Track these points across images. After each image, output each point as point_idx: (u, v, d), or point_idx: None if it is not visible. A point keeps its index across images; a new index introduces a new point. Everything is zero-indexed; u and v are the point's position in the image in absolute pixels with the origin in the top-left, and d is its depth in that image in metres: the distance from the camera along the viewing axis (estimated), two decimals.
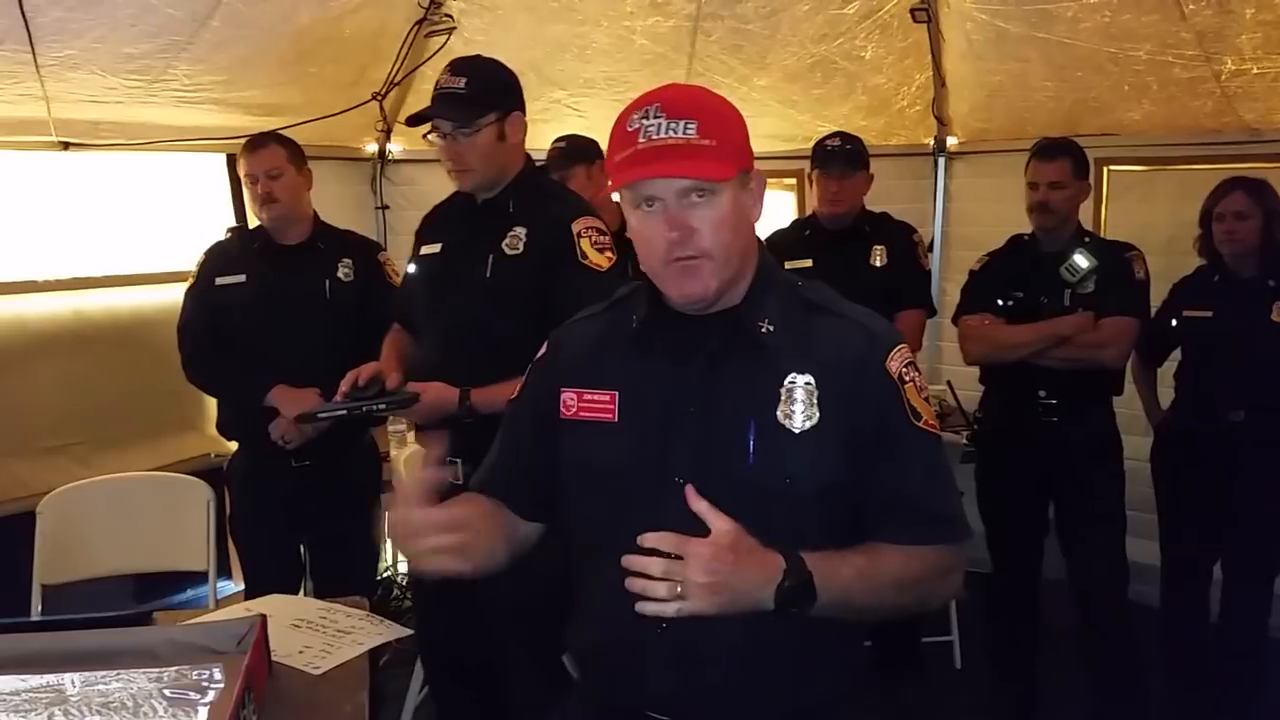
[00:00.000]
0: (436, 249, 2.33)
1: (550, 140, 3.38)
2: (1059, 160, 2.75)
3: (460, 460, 2.21)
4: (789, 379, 1.28)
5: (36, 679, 1.38)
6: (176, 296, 2.82)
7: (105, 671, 1.40)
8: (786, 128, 4.05)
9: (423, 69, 3.73)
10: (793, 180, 4.28)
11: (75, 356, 3.20)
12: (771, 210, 1.37)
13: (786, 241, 3.15)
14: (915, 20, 3.58)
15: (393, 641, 1.88)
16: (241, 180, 2.78)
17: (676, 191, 1.25)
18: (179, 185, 3.54)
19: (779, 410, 1.27)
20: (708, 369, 1.31)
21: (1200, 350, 2.91)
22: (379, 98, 3.71)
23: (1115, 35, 3.20)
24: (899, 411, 1.29)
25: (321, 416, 2.18)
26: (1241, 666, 2.86)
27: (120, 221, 3.36)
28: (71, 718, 1.30)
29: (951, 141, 4.24)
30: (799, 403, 1.27)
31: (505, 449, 1.51)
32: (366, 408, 2.13)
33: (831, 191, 3.08)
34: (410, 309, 2.40)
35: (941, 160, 4.29)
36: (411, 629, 1.92)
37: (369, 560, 3.12)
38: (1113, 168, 3.81)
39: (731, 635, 1.23)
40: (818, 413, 1.27)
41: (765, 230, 1.48)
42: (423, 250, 2.37)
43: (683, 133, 1.23)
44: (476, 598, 2.12)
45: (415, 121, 2.25)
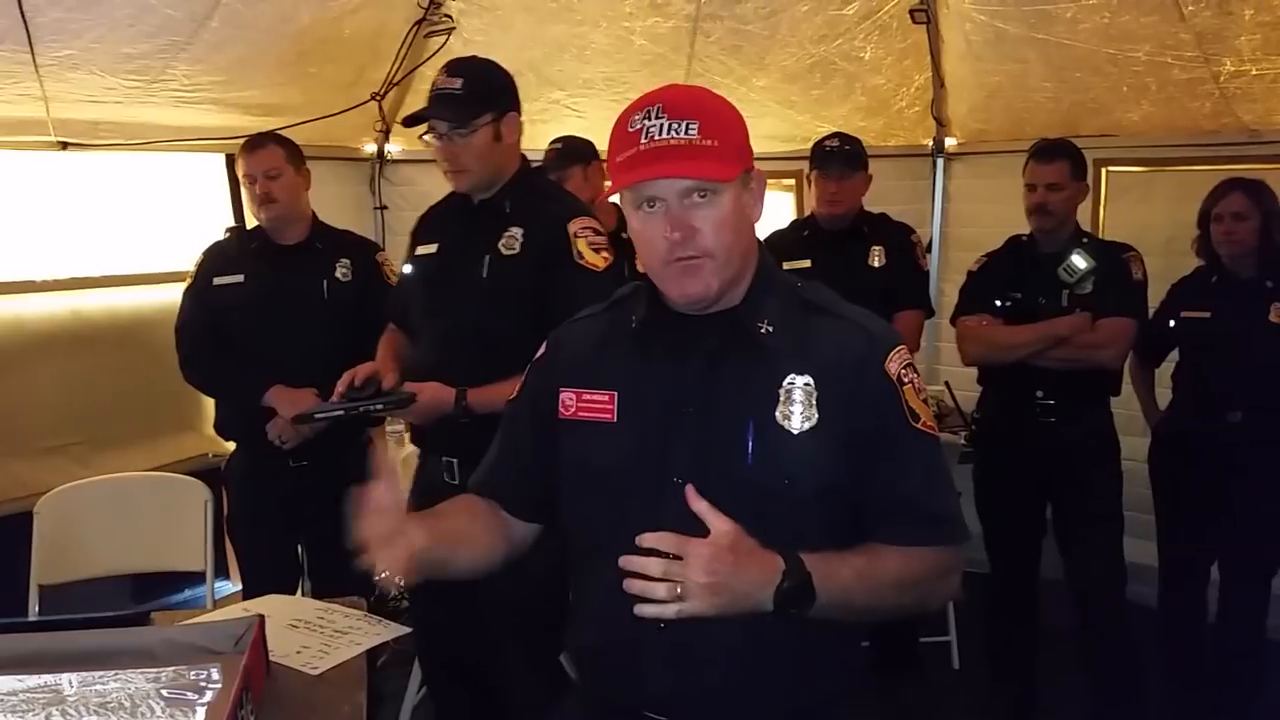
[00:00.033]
0: (433, 249, 2.32)
1: (549, 141, 3.38)
2: (1057, 162, 2.75)
3: (456, 460, 2.22)
4: (788, 380, 1.28)
5: (34, 679, 1.38)
6: (175, 296, 2.82)
7: (103, 672, 1.40)
8: (785, 128, 4.05)
9: (422, 69, 3.73)
10: (791, 181, 4.29)
11: (73, 356, 3.20)
12: (770, 211, 1.37)
13: (785, 242, 3.15)
14: (914, 21, 3.58)
15: (391, 642, 1.88)
16: (240, 180, 2.78)
17: (679, 192, 1.25)
18: (178, 185, 3.54)
19: (778, 411, 1.27)
20: (707, 369, 1.31)
21: (1198, 351, 2.91)
22: (378, 98, 3.71)
23: (1114, 36, 3.20)
24: (898, 413, 1.29)
25: (319, 417, 2.17)
26: (1239, 666, 2.86)
27: (119, 221, 3.36)
28: (69, 718, 1.30)
29: (950, 142, 4.25)
30: (798, 404, 1.27)
31: (504, 449, 1.51)
32: (364, 408, 2.12)
33: (830, 192, 3.08)
34: (406, 309, 2.40)
35: (940, 161, 4.30)
36: (409, 629, 1.92)
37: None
38: (1111, 168, 3.81)
39: (730, 636, 1.23)
40: (816, 414, 1.27)
41: (764, 231, 1.48)
42: (419, 251, 2.36)
43: (685, 133, 1.23)
44: (474, 598, 2.12)
45: (411, 122, 2.25)
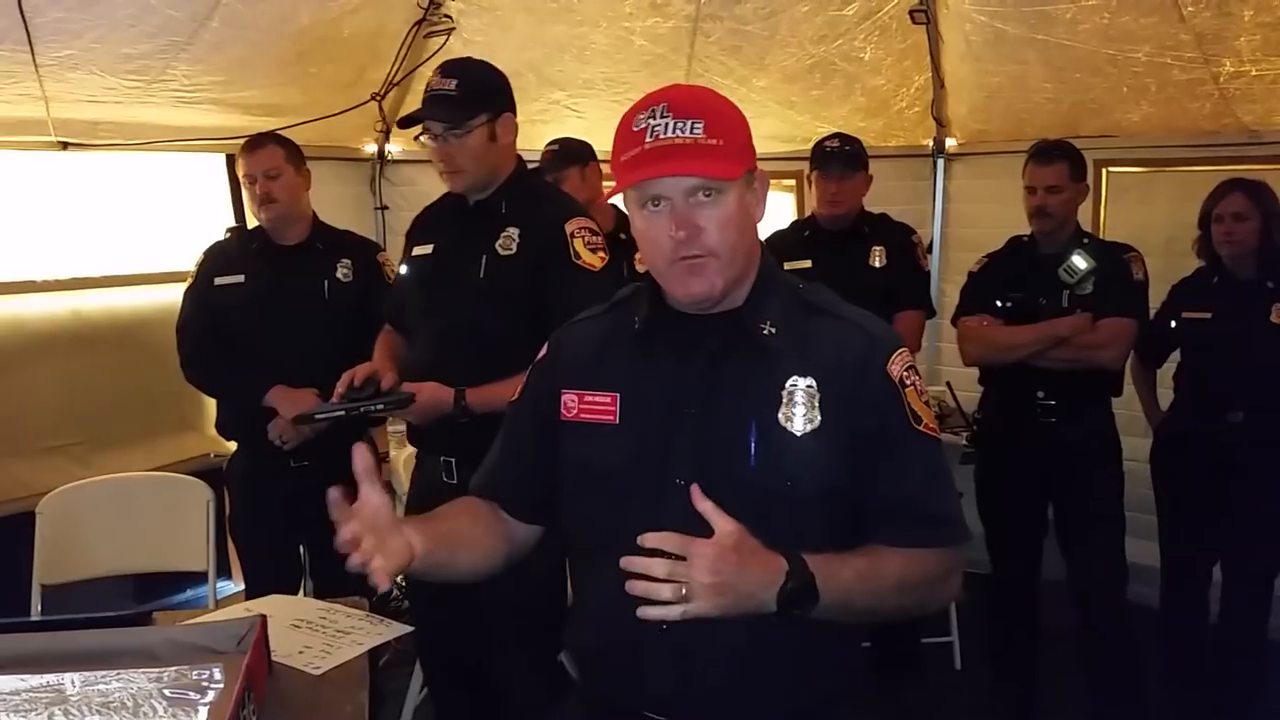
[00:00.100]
0: (429, 250, 2.33)
1: (546, 142, 3.39)
2: (1055, 164, 2.75)
3: (454, 459, 2.22)
4: (790, 382, 1.28)
5: (36, 679, 1.38)
6: (175, 297, 2.82)
7: (105, 671, 1.40)
8: (785, 129, 4.05)
9: (422, 69, 3.73)
10: (792, 181, 4.28)
11: (74, 357, 3.20)
12: (770, 211, 1.37)
13: (786, 242, 3.15)
14: (914, 22, 3.58)
15: (392, 641, 1.88)
16: (240, 180, 2.78)
17: (684, 191, 1.25)
18: (178, 185, 3.54)
19: (780, 413, 1.27)
20: (709, 369, 1.31)
21: (1199, 351, 2.91)
22: (378, 98, 3.71)
23: (1114, 37, 3.20)
24: (899, 415, 1.29)
25: (319, 417, 2.17)
26: (1240, 666, 2.86)
27: (119, 221, 3.36)
28: (71, 717, 1.30)
29: (950, 143, 4.25)
30: (800, 405, 1.27)
31: (505, 451, 1.51)
32: (364, 408, 2.13)
33: (830, 192, 3.08)
34: (402, 309, 2.40)
35: (940, 161, 4.30)
36: (411, 628, 1.92)
37: None
38: (1111, 169, 3.81)
39: (732, 636, 1.23)
40: (819, 416, 1.27)
41: (764, 231, 1.48)
42: (415, 251, 2.37)
43: (690, 132, 1.22)
44: (475, 599, 2.12)
45: (407, 123, 2.26)
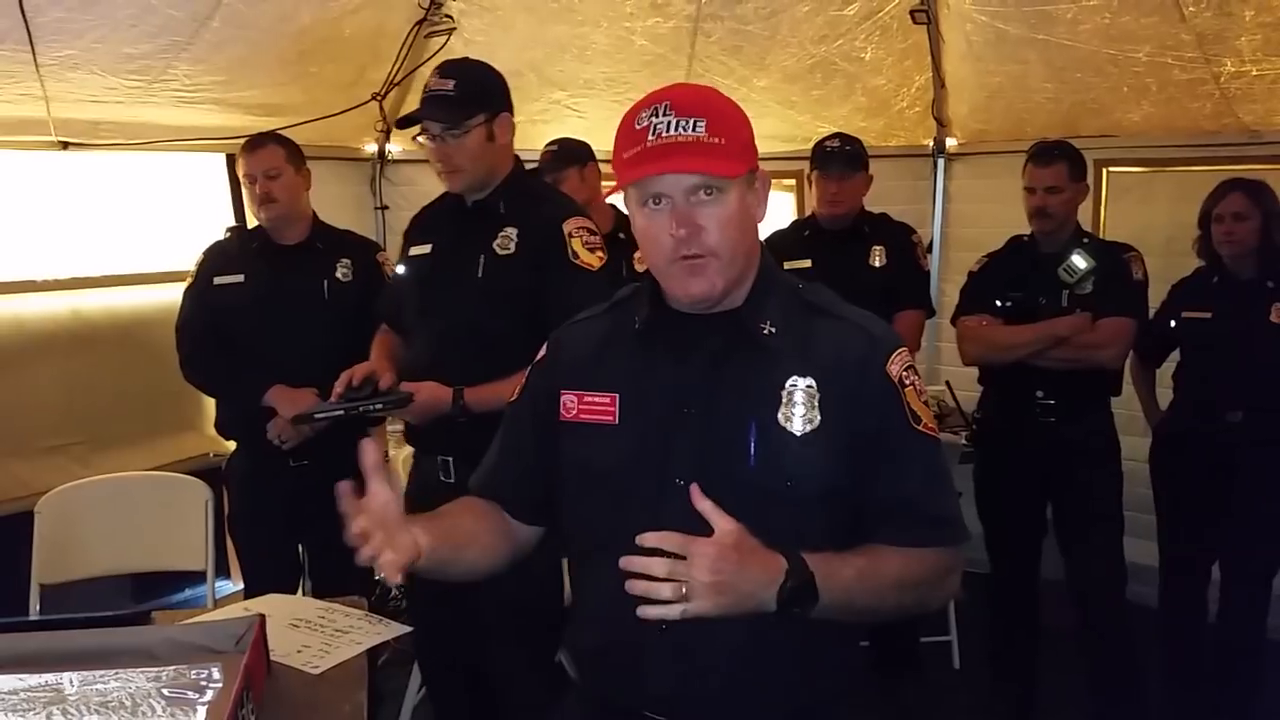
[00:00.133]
0: (426, 250, 2.33)
1: (545, 142, 3.39)
2: (1055, 165, 2.75)
3: (452, 459, 2.22)
4: (790, 382, 1.28)
5: (35, 678, 1.38)
6: (175, 296, 2.82)
7: (103, 671, 1.40)
8: (786, 129, 4.05)
9: (422, 69, 3.73)
10: (792, 181, 4.28)
11: (74, 356, 3.20)
12: (770, 211, 1.37)
13: (786, 242, 3.14)
14: (915, 22, 3.58)
15: (391, 641, 1.88)
16: (240, 180, 2.78)
17: (685, 189, 1.25)
18: (178, 185, 3.54)
19: (780, 413, 1.27)
20: (710, 369, 1.31)
21: (1199, 351, 2.91)
22: (379, 98, 3.71)
23: (1115, 37, 3.20)
24: (899, 415, 1.29)
25: (318, 417, 2.18)
26: (1240, 666, 2.86)
27: (119, 221, 3.36)
28: (70, 717, 1.30)
29: (951, 143, 4.24)
30: (799, 405, 1.27)
31: (505, 451, 1.50)
32: (363, 408, 2.13)
33: (831, 192, 3.08)
34: (399, 309, 2.40)
35: (941, 161, 4.30)
36: (410, 628, 1.92)
37: None
38: (1112, 169, 3.81)
39: (732, 636, 1.23)
40: (819, 416, 1.27)
41: (764, 231, 1.48)
42: (412, 251, 2.37)
43: (692, 130, 1.22)
44: (473, 598, 2.12)
45: (405, 124, 2.26)
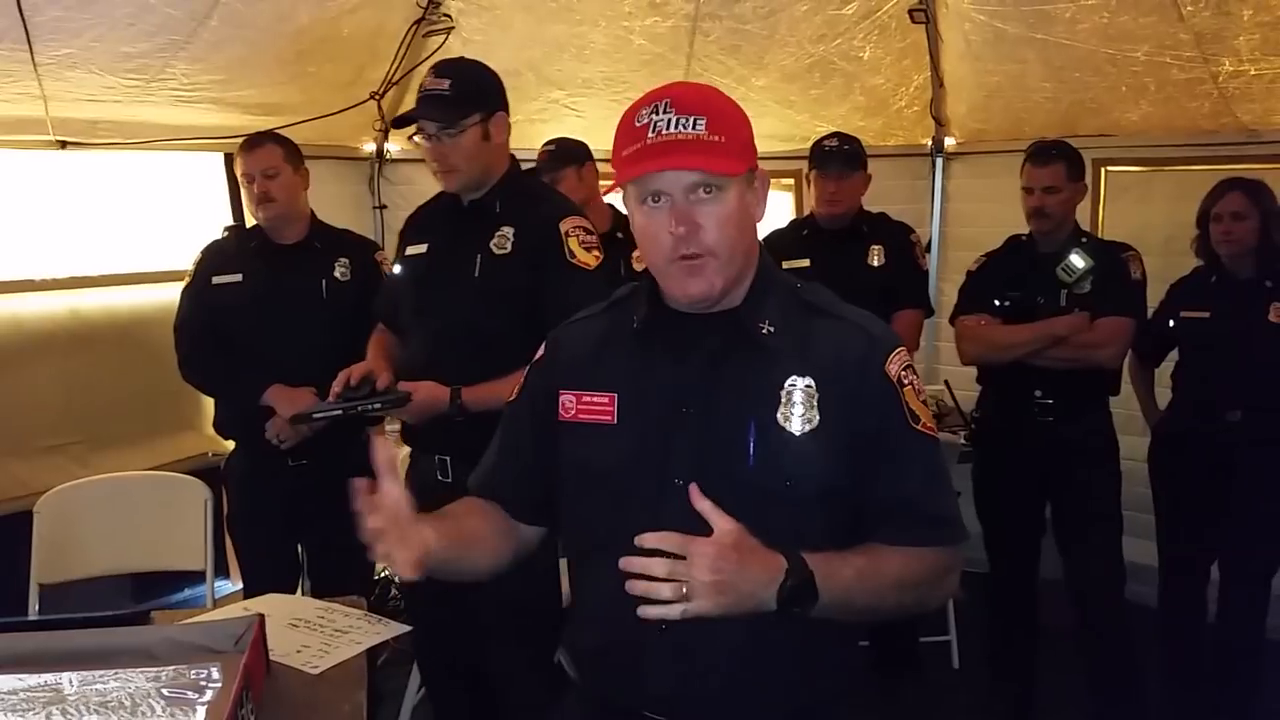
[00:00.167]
0: (422, 249, 2.33)
1: (542, 142, 3.38)
2: (1052, 165, 2.75)
3: (449, 458, 2.22)
4: (789, 382, 1.28)
5: (34, 678, 1.38)
6: (174, 296, 2.81)
7: (103, 671, 1.40)
8: (784, 128, 4.05)
9: (421, 69, 3.73)
10: (790, 180, 4.29)
11: (72, 356, 3.20)
12: (769, 210, 1.37)
13: (784, 241, 3.15)
14: (913, 21, 3.58)
15: (390, 641, 1.88)
16: (238, 179, 2.78)
17: (684, 187, 1.25)
18: (176, 184, 3.54)
19: (779, 413, 1.27)
20: (709, 368, 1.31)
21: (1197, 351, 2.91)
22: (377, 97, 3.71)
23: (1113, 36, 3.20)
24: (898, 414, 1.29)
25: (317, 417, 2.18)
26: (1239, 666, 2.86)
27: (117, 220, 3.35)
28: (69, 717, 1.30)
29: (949, 142, 4.24)
30: (798, 405, 1.27)
31: (504, 450, 1.50)
32: (361, 408, 2.13)
33: (829, 192, 3.08)
34: (395, 309, 2.40)
35: (939, 161, 4.30)
36: (409, 627, 1.92)
37: (367, 560, 3.10)
38: (1110, 168, 3.82)
39: (732, 636, 1.23)
40: (818, 415, 1.27)
41: (763, 230, 1.48)
42: (408, 251, 2.37)
43: (692, 128, 1.22)
44: (472, 598, 2.12)
45: (401, 123, 2.27)
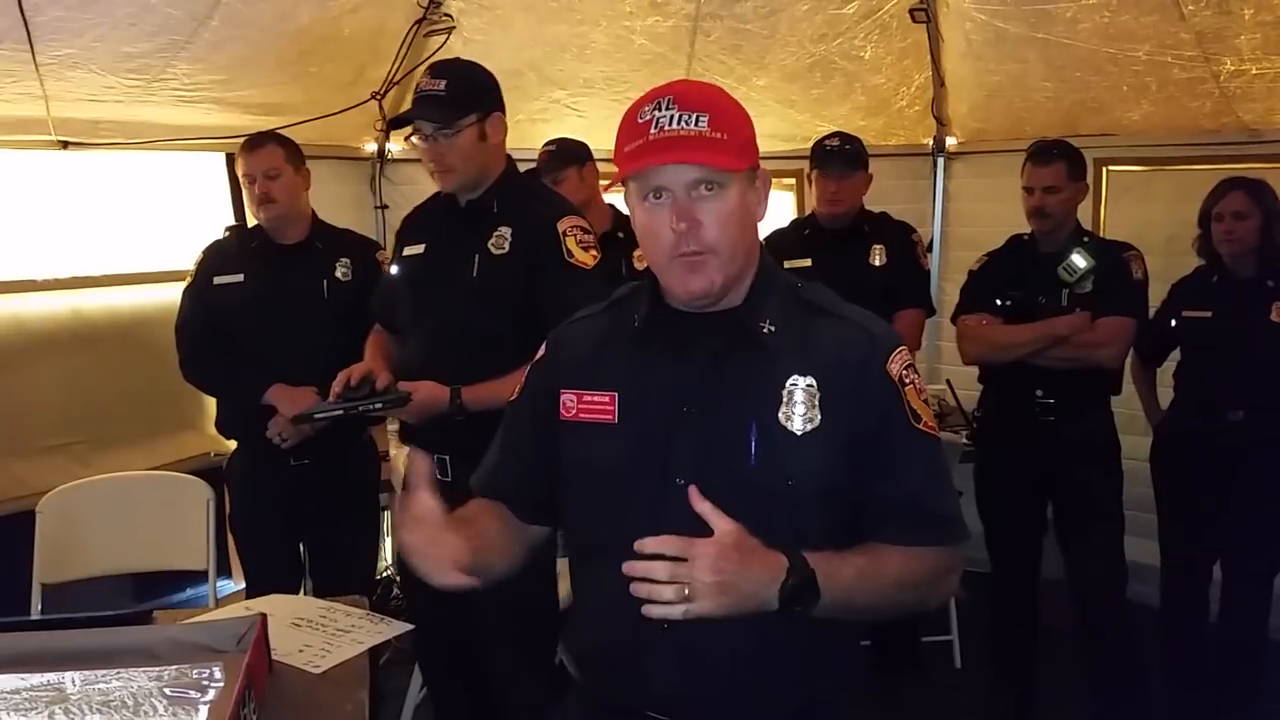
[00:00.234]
0: (420, 249, 2.33)
1: (543, 142, 3.38)
2: (1054, 164, 2.75)
3: (448, 457, 2.22)
4: (790, 381, 1.28)
5: (37, 678, 1.39)
6: (175, 296, 2.82)
7: (105, 670, 1.40)
8: (785, 128, 4.05)
9: (422, 69, 3.72)
10: (791, 180, 4.28)
11: (74, 356, 3.20)
12: (770, 210, 1.37)
13: (785, 241, 3.15)
14: (914, 20, 3.58)
15: (392, 640, 1.89)
16: (240, 180, 2.78)
17: (686, 183, 1.25)
18: (178, 184, 3.54)
19: (780, 412, 1.27)
20: (710, 367, 1.31)
21: (1199, 350, 2.91)
22: (378, 97, 3.71)
23: (1114, 36, 3.20)
24: (899, 414, 1.29)
25: (318, 417, 2.18)
26: (1241, 666, 2.86)
27: (119, 220, 3.36)
28: (72, 716, 1.31)
29: (950, 141, 4.25)
30: (800, 404, 1.27)
31: (506, 450, 1.50)
32: (362, 407, 2.14)
33: (830, 191, 3.08)
34: (393, 309, 2.40)
35: (940, 160, 4.30)
36: (411, 626, 1.92)
37: (369, 559, 3.12)
38: (1112, 168, 3.82)
39: (734, 636, 1.22)
40: (819, 415, 1.27)
41: (764, 230, 1.48)
42: (406, 251, 2.37)
43: (694, 125, 1.23)
44: (472, 597, 2.12)
45: (398, 124, 2.27)
